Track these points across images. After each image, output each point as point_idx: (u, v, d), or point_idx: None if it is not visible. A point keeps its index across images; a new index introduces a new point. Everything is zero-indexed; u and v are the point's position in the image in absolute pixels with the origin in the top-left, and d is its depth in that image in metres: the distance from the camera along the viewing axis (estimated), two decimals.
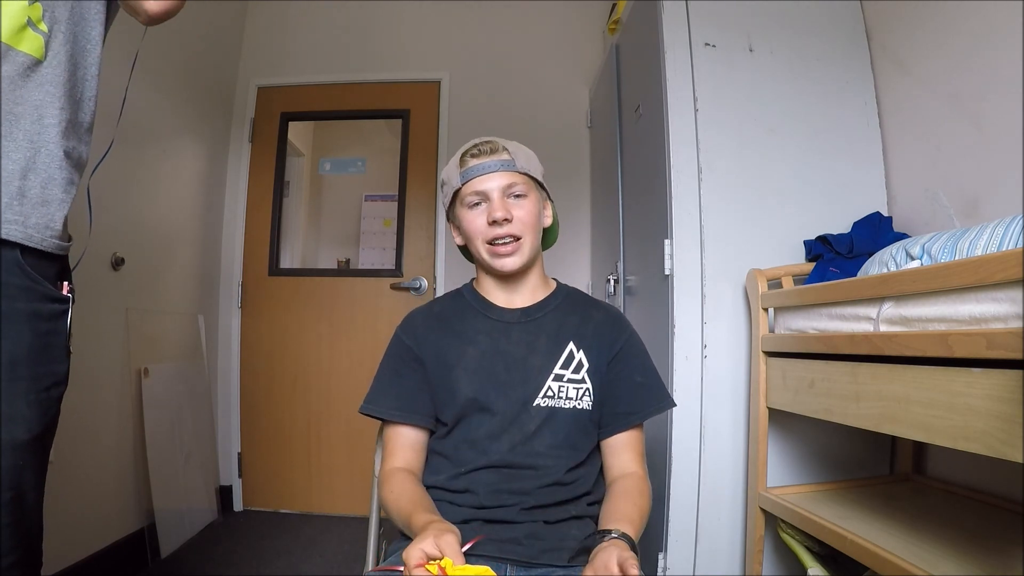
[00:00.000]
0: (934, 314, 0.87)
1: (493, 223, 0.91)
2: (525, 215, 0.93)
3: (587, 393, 0.93)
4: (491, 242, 0.93)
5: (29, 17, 0.77)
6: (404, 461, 0.93)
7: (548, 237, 1.06)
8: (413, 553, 0.66)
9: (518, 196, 0.94)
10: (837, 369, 1.06)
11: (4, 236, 0.73)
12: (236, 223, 2.71)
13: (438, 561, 0.66)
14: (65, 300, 0.82)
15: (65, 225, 0.83)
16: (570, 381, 0.93)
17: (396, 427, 0.95)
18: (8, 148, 0.74)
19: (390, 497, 0.87)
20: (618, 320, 1.00)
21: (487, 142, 0.95)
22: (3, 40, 0.74)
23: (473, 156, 0.94)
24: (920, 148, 1.43)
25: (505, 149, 0.94)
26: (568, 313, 0.98)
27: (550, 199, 1.02)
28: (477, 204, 0.94)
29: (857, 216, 1.46)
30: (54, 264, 0.81)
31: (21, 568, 0.75)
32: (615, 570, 0.68)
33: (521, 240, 0.93)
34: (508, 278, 0.98)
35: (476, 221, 0.93)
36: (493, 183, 0.92)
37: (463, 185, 0.94)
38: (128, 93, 1.12)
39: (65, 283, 0.83)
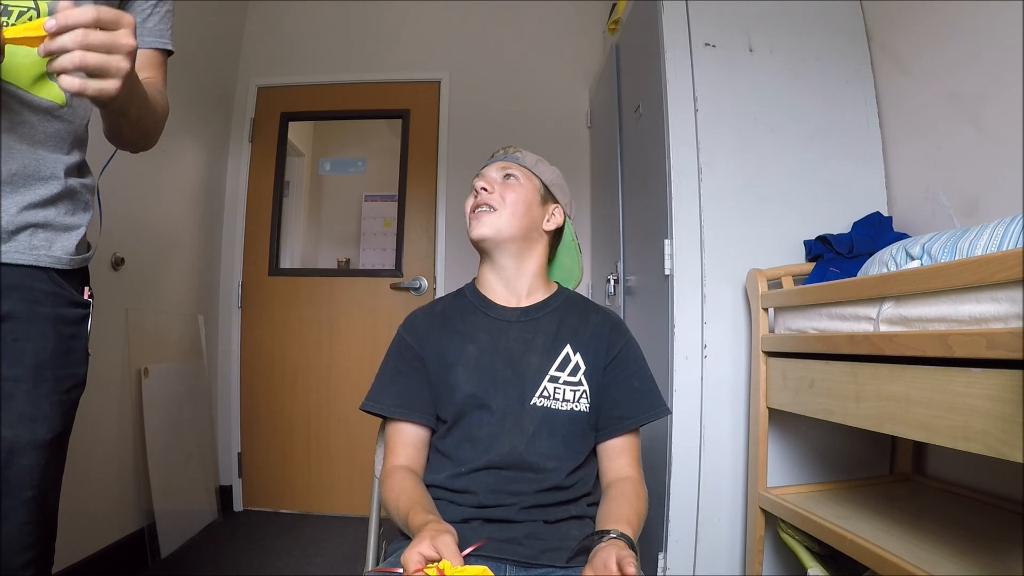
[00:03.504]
0: (934, 314, 0.87)
1: (477, 194, 0.98)
2: (512, 196, 0.97)
3: (584, 396, 0.93)
4: (473, 210, 0.99)
5: None
6: (405, 459, 0.93)
7: (567, 265, 1.09)
8: (411, 557, 0.66)
9: (511, 178, 0.99)
10: (837, 369, 1.06)
11: (33, 263, 0.76)
12: (236, 223, 2.71)
13: (436, 563, 0.66)
14: (87, 305, 0.84)
15: (85, 237, 0.85)
16: (566, 383, 0.93)
17: (397, 424, 0.95)
18: (36, 185, 0.77)
19: (389, 496, 0.87)
20: (617, 325, 1.01)
21: (505, 147, 1.05)
22: (25, 88, 0.75)
23: (491, 158, 1.05)
24: (920, 148, 1.43)
25: (517, 150, 1.04)
26: (567, 315, 0.99)
27: (568, 214, 1.06)
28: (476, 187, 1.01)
29: (857, 216, 1.46)
30: (78, 271, 0.84)
31: (36, 566, 0.76)
32: (614, 569, 0.68)
33: (497, 212, 0.96)
34: (498, 266, 0.99)
35: (469, 201, 1.00)
36: (493, 170, 1.01)
37: (474, 179, 1.02)
38: None
39: (86, 288, 0.85)
